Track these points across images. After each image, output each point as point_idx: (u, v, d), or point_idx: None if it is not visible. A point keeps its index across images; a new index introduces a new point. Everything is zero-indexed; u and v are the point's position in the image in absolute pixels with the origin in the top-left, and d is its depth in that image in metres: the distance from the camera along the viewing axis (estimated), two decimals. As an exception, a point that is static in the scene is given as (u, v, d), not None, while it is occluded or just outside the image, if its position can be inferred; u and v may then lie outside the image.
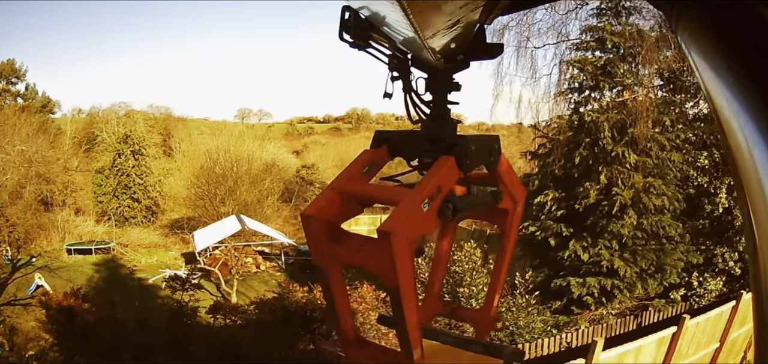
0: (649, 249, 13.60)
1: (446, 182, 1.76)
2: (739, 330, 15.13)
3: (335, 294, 1.88)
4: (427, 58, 1.81)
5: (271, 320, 13.64)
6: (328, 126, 77.40)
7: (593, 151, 13.31)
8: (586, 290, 13.48)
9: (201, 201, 30.13)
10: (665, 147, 13.69)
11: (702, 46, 0.83)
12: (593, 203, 13.24)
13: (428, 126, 1.97)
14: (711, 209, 14.54)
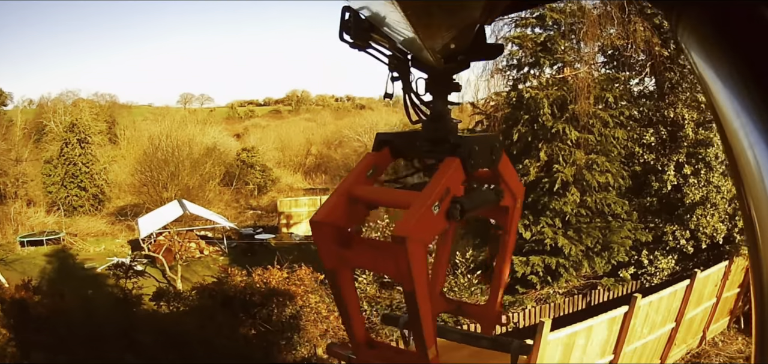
0: (594, 227, 13.31)
1: (454, 184, 1.84)
2: (696, 309, 14.84)
3: (346, 297, 1.99)
4: (427, 59, 1.87)
5: (212, 306, 13.48)
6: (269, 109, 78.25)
7: (532, 128, 13.09)
8: (530, 269, 13.21)
9: (144, 187, 30.49)
10: (608, 124, 13.44)
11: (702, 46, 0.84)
12: (534, 180, 12.99)
13: (428, 127, 2.05)
14: (658, 186, 14.24)
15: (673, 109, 14.18)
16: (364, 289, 14.28)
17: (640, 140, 14.30)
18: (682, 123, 14.12)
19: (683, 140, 14.14)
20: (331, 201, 1.97)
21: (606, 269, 13.80)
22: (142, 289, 16.29)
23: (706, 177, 14.14)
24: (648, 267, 14.38)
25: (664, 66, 14.53)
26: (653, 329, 13.45)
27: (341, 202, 1.97)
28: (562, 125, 12.81)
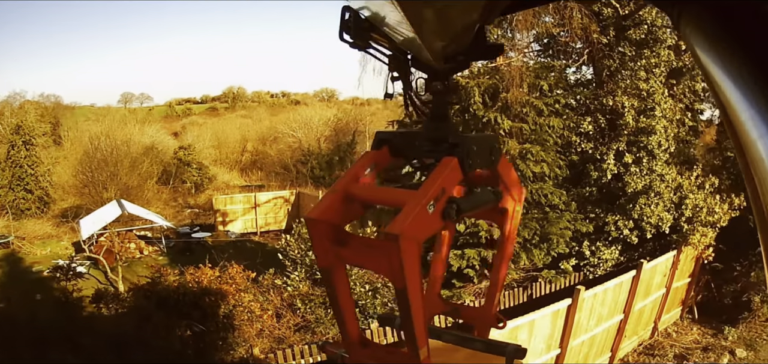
0: (531, 218, 12.98)
1: (450, 183, 1.83)
2: (645, 300, 14.63)
3: (340, 296, 1.99)
4: (427, 59, 1.88)
5: (147, 306, 13.26)
6: (206, 106, 78.77)
7: (464, 118, 12.74)
8: (465, 262, 12.87)
9: (86, 188, 30.23)
10: (543, 112, 13.10)
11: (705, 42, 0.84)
12: (466, 171, 12.64)
13: (428, 126, 2.05)
14: (598, 175, 13.91)
15: (612, 97, 13.86)
16: (297, 286, 13.99)
17: (578, 129, 13.96)
18: (621, 111, 13.78)
19: (623, 129, 13.83)
20: (328, 199, 1.96)
21: (546, 260, 13.48)
22: (81, 291, 16.08)
23: (648, 165, 13.83)
24: (590, 258, 14.06)
25: (602, 53, 14.21)
26: (600, 322, 13.22)
27: (338, 200, 1.96)
28: (493, 114, 12.48)
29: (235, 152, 46.00)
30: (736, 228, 15.58)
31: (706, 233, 14.47)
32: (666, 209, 13.99)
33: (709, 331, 16.74)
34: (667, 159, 14.09)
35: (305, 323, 14.21)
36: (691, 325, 16.64)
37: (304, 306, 13.95)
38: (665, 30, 14.13)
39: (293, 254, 14.63)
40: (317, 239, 1.92)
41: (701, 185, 14.39)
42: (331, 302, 2.10)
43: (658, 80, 13.97)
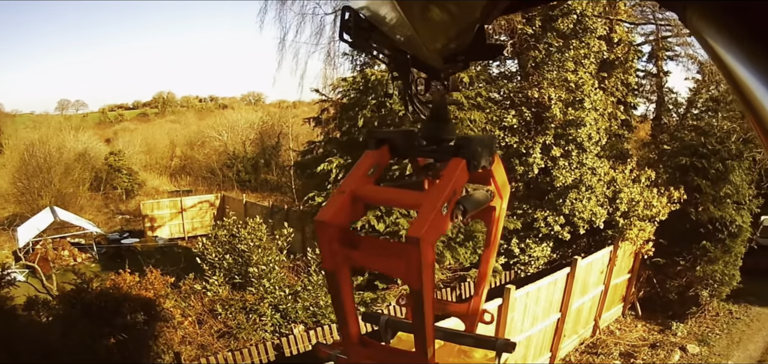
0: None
1: (460, 185, 1.96)
2: (583, 298, 14.23)
3: (344, 297, 2.05)
4: (427, 59, 1.93)
5: (73, 314, 12.91)
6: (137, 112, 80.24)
7: (380, 113, 12.19)
8: None
9: (23, 196, 30.27)
10: (464, 106, 12.51)
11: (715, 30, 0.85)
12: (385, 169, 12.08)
13: (427, 126, 2.11)
14: (524, 170, 13.37)
15: (538, 89, 13.31)
16: (217, 291, 13.46)
17: (501, 123, 13.39)
18: (548, 104, 13.25)
19: (550, 121, 13.29)
20: (336, 201, 1.97)
21: (473, 259, 12.95)
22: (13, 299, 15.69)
23: (578, 159, 13.33)
24: (520, 256, 13.56)
25: (528, 45, 13.66)
26: (536, 322, 12.83)
27: (345, 201, 1.98)
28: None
29: (165, 157, 46.19)
30: (676, 222, 15.17)
31: (645, 227, 14.02)
32: (599, 204, 13.50)
33: (656, 327, 16.35)
34: (598, 152, 13.60)
35: (227, 330, 13.71)
36: (635, 322, 16.21)
37: (225, 311, 13.45)
38: (595, 20, 13.61)
39: (211, 258, 14.09)
40: (326, 241, 1.93)
41: (636, 178, 13.91)
42: (334, 303, 2.16)
43: (588, 71, 13.45)
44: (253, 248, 13.68)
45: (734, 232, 15.70)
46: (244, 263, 13.82)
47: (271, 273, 12.98)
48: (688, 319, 16.36)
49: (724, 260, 15.89)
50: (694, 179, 15.09)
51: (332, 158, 12.44)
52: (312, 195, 12.66)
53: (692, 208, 15.18)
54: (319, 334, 11.87)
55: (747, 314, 17.63)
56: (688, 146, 15.30)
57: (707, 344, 15.33)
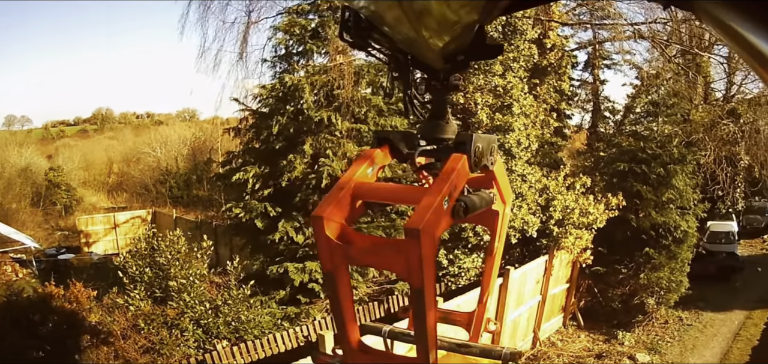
0: (375, 227, 12.05)
1: (461, 180, 2.00)
2: (519, 309, 13.76)
3: (342, 299, 2.07)
4: (427, 59, 1.97)
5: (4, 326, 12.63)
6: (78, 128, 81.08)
7: (297, 120, 11.72)
8: (308, 276, 11.81)
9: None
10: (384, 111, 12.05)
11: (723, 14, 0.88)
12: (300, 177, 11.61)
13: (427, 125, 2.20)
14: (449, 178, 12.88)
15: (463, 94, 12.86)
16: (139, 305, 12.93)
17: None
18: (474, 109, 12.79)
19: (477, 126, 12.82)
20: (334, 197, 1.97)
21: (397, 270, 12.42)
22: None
23: (507, 165, 12.82)
24: (449, 268, 13.03)
25: (454, 47, 13.22)
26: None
27: (344, 198, 1.99)
28: (327, 113, 11.44)
29: (102, 174, 46.77)
30: (615, 229, 14.79)
31: (582, 235, 13.62)
32: (531, 212, 13.05)
33: (600, 337, 15.87)
34: (529, 159, 13.16)
35: (151, 345, 13.17)
36: (578, 332, 15.74)
37: (148, 327, 12.96)
38: (526, 21, 13.20)
39: (132, 272, 13.58)
40: (323, 238, 1.91)
41: (571, 185, 13.45)
42: (331, 306, 2.18)
43: (517, 76, 13.04)
44: (171, 261, 13.17)
45: (679, 237, 15.34)
46: (164, 276, 13.31)
47: (192, 287, 12.45)
48: (635, 327, 15.96)
49: (670, 267, 15.51)
50: (633, 185, 14.73)
51: (248, 168, 11.97)
52: (230, 206, 12.14)
53: (632, 214, 14.79)
54: (242, 350, 11.34)
55: (699, 320, 17.29)
56: (627, 152, 14.96)
57: (658, 353, 14.89)
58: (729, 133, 17.31)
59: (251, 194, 12.06)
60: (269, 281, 12.42)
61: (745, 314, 17.62)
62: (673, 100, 15.47)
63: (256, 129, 12.44)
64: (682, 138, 15.46)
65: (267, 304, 12.49)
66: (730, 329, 16.46)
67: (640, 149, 14.86)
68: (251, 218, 11.99)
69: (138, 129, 66.03)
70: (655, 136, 15.20)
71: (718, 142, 17.16)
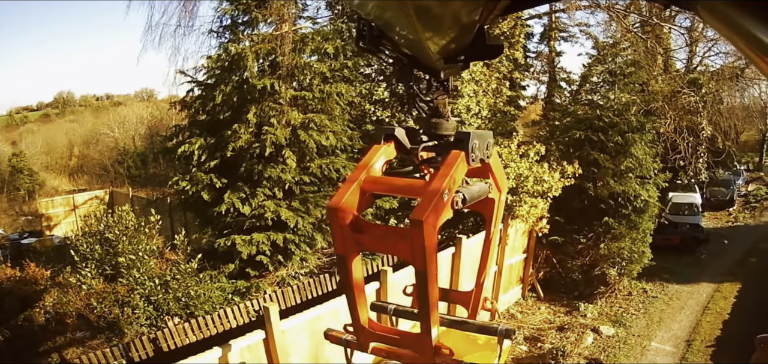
0: (322, 195, 11.80)
1: (459, 174, 2.25)
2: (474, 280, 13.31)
3: (354, 281, 2.41)
4: (429, 61, 2.11)
5: None
6: (40, 113, 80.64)
7: (242, 89, 11.53)
8: (255, 248, 11.64)
9: None
10: (329, 79, 11.89)
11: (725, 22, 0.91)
12: (244, 146, 11.43)
13: (429, 123, 2.44)
14: (396, 144, 12.71)
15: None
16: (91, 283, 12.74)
17: (372, 97, 12.78)
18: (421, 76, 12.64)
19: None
20: (346, 189, 2.25)
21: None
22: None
23: (457, 132, 12.68)
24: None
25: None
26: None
27: (356, 190, 2.27)
28: (270, 81, 11.28)
29: (64, 157, 46.71)
30: (572, 198, 14.66)
31: (536, 203, 13.45)
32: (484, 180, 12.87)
33: (561, 309, 15.68)
34: (479, 126, 13.01)
35: (105, 325, 13.01)
36: (538, 304, 15.60)
37: (100, 305, 12.80)
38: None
39: (83, 250, 13.39)
40: (337, 226, 2.24)
41: (525, 154, 13.31)
42: (344, 287, 2.49)
43: (466, 40, 12.89)
44: (119, 236, 12.98)
45: (640, 207, 15.24)
46: (114, 253, 13.13)
47: (142, 263, 12.26)
48: (597, 299, 15.79)
49: (631, 237, 15.39)
50: (590, 153, 14.65)
51: (194, 139, 11.79)
52: (176, 179, 11.94)
53: (590, 183, 14.66)
54: (194, 326, 11.17)
55: (664, 292, 17.12)
56: (583, 120, 14.89)
57: (623, 325, 14.60)
58: (690, 102, 17.27)
59: (198, 166, 11.90)
60: (218, 255, 12.27)
61: (714, 286, 17.42)
62: (630, 69, 15.35)
63: (202, 101, 12.26)
64: (640, 107, 15.36)
65: (217, 278, 12.34)
66: (698, 302, 16.24)
67: (596, 117, 14.76)
68: (198, 191, 11.83)
69: (98, 111, 65.50)
70: (612, 105, 15.10)
71: (678, 111, 17.12)
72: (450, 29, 1.61)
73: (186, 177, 11.91)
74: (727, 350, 12.81)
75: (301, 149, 11.75)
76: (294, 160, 11.63)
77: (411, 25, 1.42)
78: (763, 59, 0.80)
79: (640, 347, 13.31)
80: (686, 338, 13.72)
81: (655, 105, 16.74)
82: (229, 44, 11.89)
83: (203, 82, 12.29)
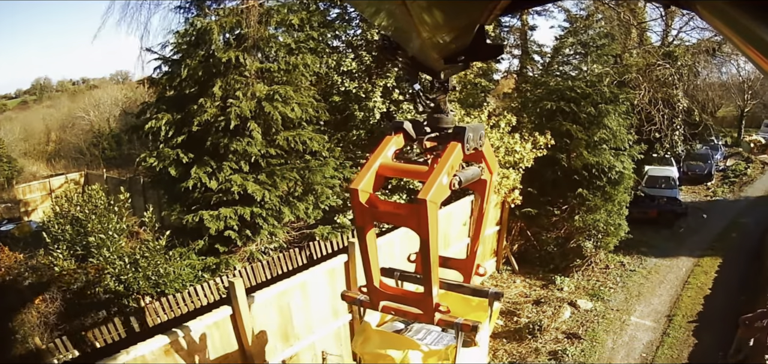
0: (289, 168, 11.72)
1: (457, 161, 2.82)
2: (445, 252, 13.41)
3: (369, 248, 3.01)
4: (431, 63, 2.43)
5: None
6: (18, 100, 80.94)
7: (208, 63, 11.44)
8: (223, 223, 11.54)
9: None
10: (294, 50, 11.79)
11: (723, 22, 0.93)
12: (210, 119, 11.32)
13: (431, 117, 2.99)
14: (364, 116, 12.68)
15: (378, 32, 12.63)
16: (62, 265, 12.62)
17: (339, 67, 12.68)
18: (389, 45, 12.54)
19: (391, 64, 12.58)
20: (365, 173, 2.82)
21: (317, 216, 12.21)
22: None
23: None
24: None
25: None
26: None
27: (373, 174, 2.82)
28: (235, 54, 11.17)
29: (42, 143, 47.00)
30: (545, 169, 14.54)
31: (508, 175, 13.37)
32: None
33: (537, 282, 15.54)
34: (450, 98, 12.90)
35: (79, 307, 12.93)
36: (513, 277, 15.52)
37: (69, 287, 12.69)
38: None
39: (54, 230, 13.28)
40: (357, 203, 2.79)
41: (495, 124, 13.24)
42: (362, 253, 3.08)
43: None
44: (89, 215, 12.86)
45: (615, 178, 15.14)
46: (84, 233, 13.00)
47: (111, 242, 12.14)
48: (573, 272, 15.69)
49: (606, 209, 15.30)
50: (562, 124, 14.59)
51: (161, 115, 11.67)
52: (143, 156, 11.84)
53: (563, 154, 14.55)
54: (164, 305, 11.06)
55: (642, 265, 16.97)
56: (555, 91, 14.76)
57: (601, 299, 14.41)
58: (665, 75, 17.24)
59: (165, 142, 11.80)
60: (187, 232, 12.19)
61: (693, 261, 17.30)
62: (603, 41, 15.29)
63: (169, 77, 12.14)
64: (613, 78, 15.28)
65: (186, 255, 12.25)
66: (678, 277, 16.09)
67: (568, 88, 14.68)
68: (165, 167, 11.73)
69: (74, 95, 65.23)
70: (585, 76, 15.04)
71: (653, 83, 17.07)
72: (450, 29, 1.63)
73: (153, 153, 11.81)
74: (710, 326, 12.71)
75: (266, 121, 11.68)
76: (259, 133, 11.56)
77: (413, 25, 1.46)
78: (763, 58, 0.81)
79: (619, 322, 13.15)
80: (667, 313, 13.64)
81: (629, 76, 16.69)
82: (196, 18, 11.77)
83: (170, 59, 12.18)
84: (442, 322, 3.51)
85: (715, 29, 0.97)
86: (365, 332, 4.31)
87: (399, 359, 4.02)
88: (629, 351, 11.88)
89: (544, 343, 12.05)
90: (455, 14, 1.42)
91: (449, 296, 4.23)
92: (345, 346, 10.19)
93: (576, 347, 11.88)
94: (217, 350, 7.68)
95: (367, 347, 4.22)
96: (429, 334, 4.64)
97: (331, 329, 9.72)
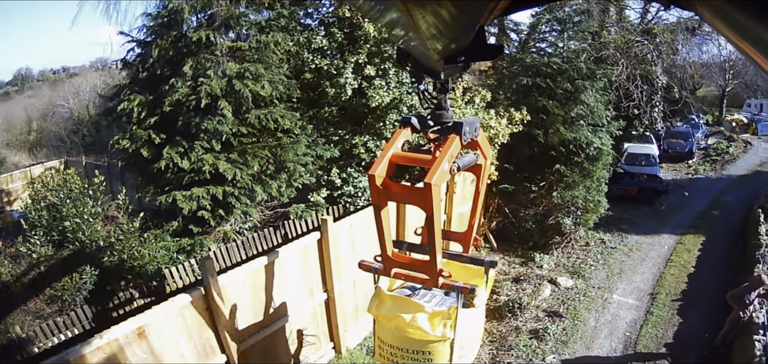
0: (261, 146, 11.66)
1: (456, 150, 3.44)
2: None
3: (383, 224, 3.72)
4: (433, 65, 2.76)
5: None
6: (1, 92, 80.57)
7: (179, 43, 11.36)
8: (196, 203, 11.47)
9: None
10: (265, 28, 11.71)
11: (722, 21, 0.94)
12: (183, 100, 11.25)
13: (434, 113, 3.62)
14: (336, 92, 12.58)
15: (350, 9, 12.53)
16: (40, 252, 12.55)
17: (310, 46, 12.59)
18: (361, 22, 12.47)
19: (363, 40, 12.51)
20: (380, 161, 3.48)
21: (290, 194, 12.16)
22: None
23: (397, 78, 12.52)
24: (344, 187, 12.74)
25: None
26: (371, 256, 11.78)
27: (386, 162, 3.49)
28: (206, 33, 11.09)
29: (24, 133, 47.01)
30: (522, 145, 14.44)
31: (484, 150, 13.20)
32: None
33: (516, 260, 15.40)
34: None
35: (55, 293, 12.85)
36: (491, 255, 15.30)
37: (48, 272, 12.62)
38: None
39: (31, 217, 13.20)
40: (374, 187, 3.46)
41: (470, 100, 13.17)
42: (377, 228, 3.79)
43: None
44: (64, 200, 12.77)
45: (593, 155, 15.03)
46: (60, 218, 12.91)
47: (87, 226, 12.06)
48: (553, 249, 15.57)
49: (585, 185, 15.22)
50: (538, 100, 14.50)
51: (133, 97, 11.59)
52: (116, 139, 11.75)
53: (540, 130, 14.46)
54: (139, 289, 10.98)
55: (623, 242, 16.86)
56: (530, 67, 14.65)
57: (582, 277, 14.21)
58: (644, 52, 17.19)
59: (138, 123, 11.73)
60: (161, 213, 12.12)
61: (675, 238, 17.21)
62: (580, 17, 15.20)
63: (142, 59, 12.06)
64: (591, 54, 15.19)
65: (161, 237, 12.16)
66: (660, 254, 15.94)
67: (544, 64, 14.60)
68: (138, 148, 11.65)
69: (55, 84, 65.48)
70: (561, 52, 14.96)
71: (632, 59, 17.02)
72: (450, 30, 1.64)
73: (126, 136, 11.74)
74: (694, 305, 12.55)
75: (237, 100, 11.62)
76: (230, 111, 11.51)
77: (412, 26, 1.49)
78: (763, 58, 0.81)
79: (601, 300, 12.98)
80: (650, 291, 13.49)
81: (607, 53, 16.65)
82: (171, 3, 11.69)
83: (143, 41, 12.09)
84: (445, 285, 4.23)
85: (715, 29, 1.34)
86: (379, 296, 5.18)
87: (408, 319, 4.85)
88: (612, 330, 11.66)
89: (524, 321, 11.86)
90: (455, 15, 1.42)
91: (450, 264, 4.93)
92: (321, 325, 10.08)
93: (557, 326, 11.67)
94: (190, 331, 7.58)
95: (381, 310, 5.10)
96: (433, 298, 5.41)
97: (306, 308, 9.60)
